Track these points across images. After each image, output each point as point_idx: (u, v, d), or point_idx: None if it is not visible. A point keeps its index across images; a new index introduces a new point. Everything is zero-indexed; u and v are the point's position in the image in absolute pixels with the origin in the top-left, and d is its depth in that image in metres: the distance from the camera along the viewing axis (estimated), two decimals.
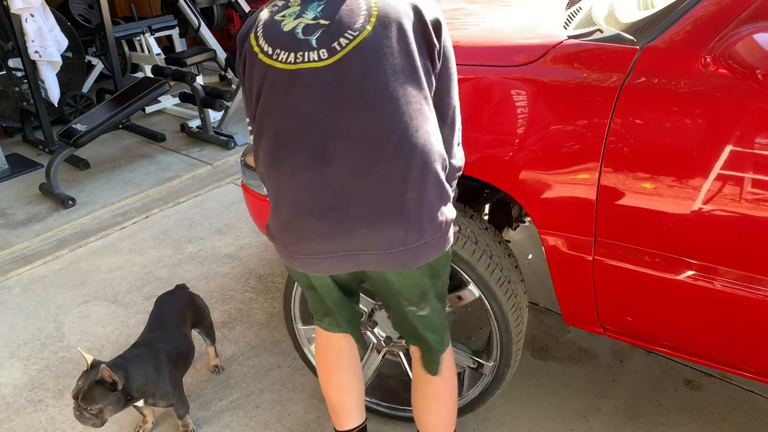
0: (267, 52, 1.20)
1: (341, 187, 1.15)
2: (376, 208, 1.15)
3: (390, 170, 1.14)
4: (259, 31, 1.23)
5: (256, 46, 1.22)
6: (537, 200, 1.50)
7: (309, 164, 1.15)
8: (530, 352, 2.18)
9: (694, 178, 1.28)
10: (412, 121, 1.16)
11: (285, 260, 1.30)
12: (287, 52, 1.17)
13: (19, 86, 4.62)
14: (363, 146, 1.14)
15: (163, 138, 4.49)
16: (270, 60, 1.19)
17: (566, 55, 1.44)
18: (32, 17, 3.84)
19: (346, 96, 1.14)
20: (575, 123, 1.40)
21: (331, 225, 1.17)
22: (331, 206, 1.16)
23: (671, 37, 1.30)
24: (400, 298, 1.35)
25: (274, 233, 1.26)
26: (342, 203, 1.15)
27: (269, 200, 1.27)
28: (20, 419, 2.04)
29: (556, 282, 1.60)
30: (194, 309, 2.07)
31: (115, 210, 3.51)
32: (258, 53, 1.21)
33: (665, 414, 1.89)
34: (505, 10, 1.88)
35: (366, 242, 1.18)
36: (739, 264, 1.31)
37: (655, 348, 1.59)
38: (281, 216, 1.21)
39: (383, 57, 1.15)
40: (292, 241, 1.23)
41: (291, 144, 1.16)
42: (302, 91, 1.16)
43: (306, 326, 1.92)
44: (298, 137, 1.16)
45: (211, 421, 1.99)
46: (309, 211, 1.17)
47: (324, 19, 1.18)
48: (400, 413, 1.89)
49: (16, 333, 2.48)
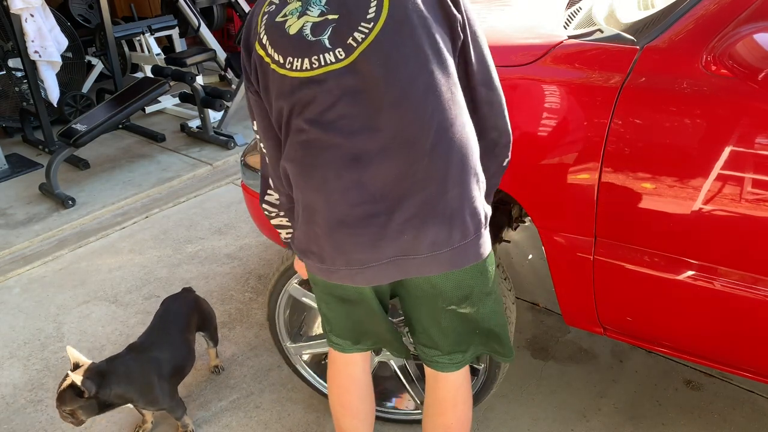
0: (279, 62, 1.10)
1: (380, 193, 1.09)
2: (419, 211, 1.09)
3: (429, 170, 1.08)
4: (263, 39, 1.12)
5: (266, 57, 1.11)
6: (537, 200, 1.50)
7: (343, 173, 1.08)
8: (530, 352, 2.18)
9: (694, 178, 1.28)
10: (446, 113, 1.08)
11: (322, 275, 1.22)
12: (300, 58, 1.07)
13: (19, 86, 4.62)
14: (398, 148, 1.07)
15: (163, 138, 4.49)
16: (284, 70, 1.09)
17: (566, 55, 1.44)
18: (32, 17, 3.84)
19: (372, 96, 1.05)
20: (575, 123, 1.40)
21: (374, 233, 1.10)
22: (372, 214, 1.09)
23: (671, 37, 1.30)
24: (438, 300, 1.25)
25: (308, 249, 1.19)
26: (383, 210, 1.09)
27: (296, 215, 1.21)
28: (20, 419, 2.04)
29: (556, 282, 1.59)
30: (200, 313, 2.05)
31: (115, 210, 3.51)
32: (270, 64, 1.11)
33: (665, 414, 1.89)
34: (505, 10, 1.88)
35: (410, 247, 1.12)
36: (739, 264, 1.31)
37: (655, 348, 1.59)
38: (315, 229, 1.15)
39: (405, 46, 1.05)
40: (330, 254, 1.15)
41: (322, 154, 1.09)
42: (326, 97, 1.07)
43: (295, 344, 1.92)
44: (328, 146, 1.08)
45: (211, 421, 1.98)
46: (348, 222, 1.10)
47: (331, 13, 1.07)
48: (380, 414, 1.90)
49: (16, 333, 2.48)
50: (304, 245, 1.21)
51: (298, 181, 1.14)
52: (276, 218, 1.38)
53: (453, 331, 1.32)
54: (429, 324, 1.32)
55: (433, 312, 1.29)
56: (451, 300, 1.25)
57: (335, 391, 1.53)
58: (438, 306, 1.27)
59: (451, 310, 1.27)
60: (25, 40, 3.87)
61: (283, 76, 1.09)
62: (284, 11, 1.11)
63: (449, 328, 1.31)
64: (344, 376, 1.50)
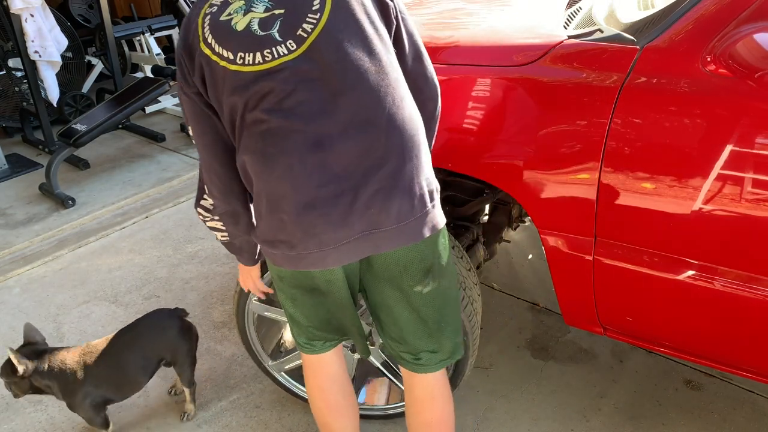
0: (228, 58, 1.12)
1: (345, 172, 1.13)
2: (383, 184, 1.15)
3: (387, 146, 1.14)
4: (208, 38, 1.14)
5: (213, 55, 1.13)
6: (537, 200, 1.50)
7: (307, 157, 1.12)
8: (530, 352, 2.18)
9: (694, 178, 1.28)
10: (395, 92, 1.17)
11: (289, 265, 1.23)
12: (252, 52, 1.11)
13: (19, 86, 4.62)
14: (357, 128, 1.12)
15: (163, 138, 4.49)
16: (235, 66, 1.12)
17: (566, 55, 1.44)
18: (32, 17, 3.84)
19: (328, 81, 1.11)
20: (575, 123, 1.40)
21: (343, 210, 1.14)
22: (339, 193, 1.13)
23: (671, 36, 1.30)
24: (404, 279, 1.27)
25: (275, 239, 1.20)
26: (349, 187, 1.13)
27: (257, 208, 1.21)
28: (20, 419, 2.04)
29: (556, 282, 1.59)
30: (170, 345, 1.85)
31: (115, 210, 3.51)
32: (219, 61, 1.13)
33: (665, 414, 1.89)
34: (505, 10, 1.88)
35: (378, 221, 1.16)
36: (739, 264, 1.31)
37: (655, 348, 1.59)
38: (282, 216, 1.16)
39: (352, 33, 1.13)
40: (300, 239, 1.17)
41: (283, 141, 1.12)
42: (283, 86, 1.11)
43: (275, 361, 1.92)
44: (289, 133, 1.12)
45: (211, 421, 1.98)
46: (317, 204, 1.13)
47: (277, 8, 1.13)
48: None
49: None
50: (270, 236, 1.21)
51: (260, 171, 1.16)
52: (210, 222, 1.44)
53: (420, 320, 1.33)
54: (398, 312, 1.33)
55: (400, 295, 1.30)
56: (416, 277, 1.27)
57: (317, 394, 1.51)
58: (405, 287, 1.28)
59: (417, 292, 1.29)
60: (25, 40, 3.87)
61: (236, 72, 1.12)
62: (227, 10, 1.16)
63: (415, 315, 1.32)
64: (323, 377, 1.50)
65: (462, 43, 1.64)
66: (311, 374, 1.51)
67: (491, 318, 2.36)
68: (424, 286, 1.29)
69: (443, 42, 1.67)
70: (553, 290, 1.64)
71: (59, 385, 1.75)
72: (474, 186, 1.93)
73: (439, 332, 1.36)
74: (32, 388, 1.76)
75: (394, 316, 1.34)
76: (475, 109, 1.55)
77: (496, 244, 2.13)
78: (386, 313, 1.35)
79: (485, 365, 2.13)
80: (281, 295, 1.40)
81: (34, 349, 1.77)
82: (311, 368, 1.50)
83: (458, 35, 1.69)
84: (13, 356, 1.68)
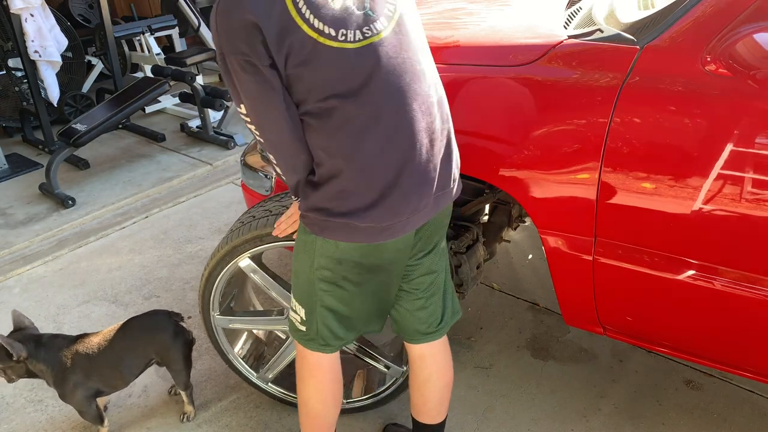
0: (330, 35, 1.12)
1: (426, 142, 1.23)
2: (450, 147, 1.31)
3: (444, 111, 1.30)
4: (306, 14, 1.11)
5: (312, 31, 1.11)
6: (537, 200, 1.50)
7: (406, 127, 1.20)
8: (530, 352, 2.18)
9: (694, 178, 1.28)
10: (436, 74, 1.32)
11: (369, 239, 1.25)
12: (353, 30, 1.14)
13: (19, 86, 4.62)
14: (430, 96, 1.25)
15: (163, 138, 4.49)
16: (337, 42, 1.13)
17: (566, 54, 1.43)
18: (32, 17, 3.84)
19: (409, 60, 1.21)
20: (575, 123, 1.40)
21: (428, 177, 1.25)
22: (426, 160, 1.24)
23: (671, 36, 1.30)
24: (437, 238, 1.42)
25: (376, 210, 1.22)
26: (431, 155, 1.25)
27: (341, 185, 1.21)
28: (20, 419, 2.04)
29: (556, 282, 1.59)
30: (162, 348, 1.84)
31: (115, 210, 3.51)
32: (317, 38, 1.12)
33: (665, 414, 1.89)
34: (505, 9, 1.88)
35: (444, 182, 1.30)
36: (739, 264, 1.31)
37: (655, 348, 1.59)
38: (393, 187, 1.21)
39: (414, 13, 1.26)
40: (400, 208, 1.23)
41: (393, 115, 1.18)
42: (388, 62, 1.17)
43: (258, 373, 1.95)
44: (398, 109, 1.19)
45: (211, 421, 1.98)
46: (416, 168, 1.22)
47: None
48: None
49: None
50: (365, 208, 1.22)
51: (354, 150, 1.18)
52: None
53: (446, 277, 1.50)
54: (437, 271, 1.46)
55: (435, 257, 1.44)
56: (441, 233, 1.43)
57: (330, 390, 1.52)
58: (438, 246, 1.44)
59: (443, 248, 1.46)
60: (25, 40, 3.87)
61: (340, 49, 1.14)
62: None
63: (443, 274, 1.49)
64: (337, 370, 1.52)
65: (462, 42, 1.64)
66: (323, 374, 1.50)
67: (491, 318, 2.36)
68: (442, 241, 1.46)
69: (443, 42, 1.67)
70: (553, 290, 1.64)
71: (51, 371, 1.77)
72: (474, 186, 1.93)
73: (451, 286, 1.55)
74: (27, 372, 1.79)
75: (432, 279, 1.46)
76: (475, 109, 1.55)
77: (496, 244, 2.13)
78: (427, 278, 1.45)
79: (485, 365, 2.13)
80: (322, 285, 1.36)
81: (27, 334, 1.79)
82: (323, 368, 1.50)
83: (458, 35, 1.69)
84: (4, 342, 1.69)
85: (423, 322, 1.49)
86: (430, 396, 1.58)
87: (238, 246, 1.71)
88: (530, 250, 2.78)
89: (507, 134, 1.51)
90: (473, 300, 2.46)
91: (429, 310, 1.49)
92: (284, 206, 1.67)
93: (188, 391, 1.95)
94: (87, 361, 1.79)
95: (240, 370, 1.97)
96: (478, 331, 2.29)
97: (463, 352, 2.19)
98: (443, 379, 1.57)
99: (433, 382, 1.56)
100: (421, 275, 1.44)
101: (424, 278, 1.44)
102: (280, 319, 1.83)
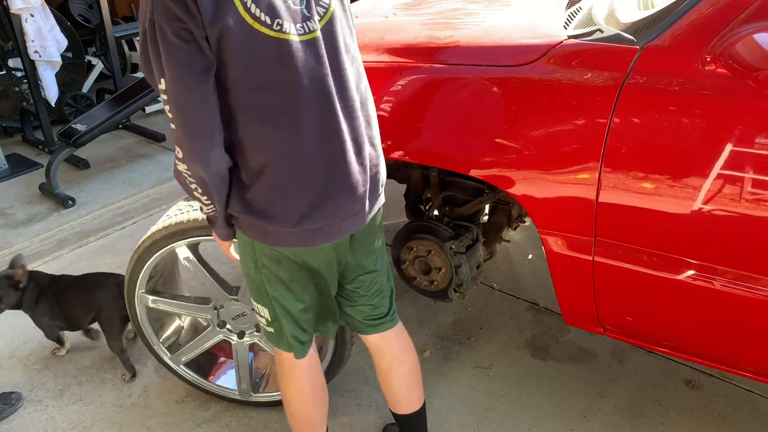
0: (265, 22, 1.09)
1: (353, 144, 1.24)
2: (376, 151, 1.32)
3: (368, 116, 1.31)
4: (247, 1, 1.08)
5: (246, 14, 1.07)
6: (537, 200, 1.50)
7: (333, 128, 1.20)
8: (530, 352, 2.18)
9: (693, 178, 1.28)
10: (364, 78, 1.32)
11: (304, 243, 1.25)
12: (289, 22, 1.13)
13: (19, 86, 4.62)
14: (358, 102, 1.26)
15: (163, 138, 4.49)
16: (272, 31, 1.10)
17: (566, 54, 1.44)
18: (32, 17, 3.84)
19: (335, 62, 1.20)
20: (575, 123, 1.40)
21: (360, 179, 1.26)
22: (356, 162, 1.25)
23: (671, 36, 1.30)
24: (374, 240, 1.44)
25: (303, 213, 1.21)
26: (359, 158, 1.26)
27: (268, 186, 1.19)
28: (20, 419, 2.04)
29: (556, 282, 1.59)
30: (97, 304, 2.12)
31: (115, 210, 3.51)
32: (252, 23, 1.08)
33: (665, 414, 1.89)
34: (505, 10, 1.88)
35: (372, 186, 1.31)
36: (738, 264, 1.31)
37: (655, 348, 1.59)
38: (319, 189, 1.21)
39: (346, 18, 1.26)
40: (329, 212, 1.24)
41: (320, 116, 1.18)
42: (318, 62, 1.17)
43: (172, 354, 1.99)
44: (325, 109, 1.18)
45: (211, 421, 1.98)
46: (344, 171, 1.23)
47: None
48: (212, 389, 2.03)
49: (16, 333, 2.47)
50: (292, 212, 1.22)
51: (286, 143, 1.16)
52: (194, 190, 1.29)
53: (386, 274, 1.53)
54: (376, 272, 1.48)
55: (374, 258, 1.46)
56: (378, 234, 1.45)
57: (309, 390, 1.54)
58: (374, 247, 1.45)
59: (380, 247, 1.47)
60: (25, 40, 3.86)
61: (274, 38, 1.11)
62: None
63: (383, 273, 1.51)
64: (315, 368, 1.54)
65: (462, 43, 1.64)
66: (298, 377, 1.52)
67: (491, 318, 2.36)
68: (379, 242, 1.47)
69: (443, 42, 1.67)
70: (553, 290, 1.64)
71: (30, 300, 2.11)
72: (474, 186, 1.93)
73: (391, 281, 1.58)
74: (18, 303, 2.11)
75: (373, 278, 1.49)
76: (475, 109, 1.55)
77: (496, 244, 2.13)
78: (368, 277, 1.47)
79: (485, 365, 2.13)
80: (274, 286, 1.36)
81: (28, 271, 2.14)
82: (298, 372, 1.51)
83: (458, 35, 1.69)
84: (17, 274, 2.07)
85: (368, 315, 1.53)
86: (396, 386, 1.60)
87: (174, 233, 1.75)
88: (530, 250, 2.78)
89: (507, 134, 1.51)
90: (473, 300, 2.46)
91: (373, 304, 1.52)
92: None
93: (121, 356, 2.15)
94: (51, 300, 2.14)
95: (156, 350, 2.00)
96: (478, 331, 2.29)
97: (463, 352, 2.20)
98: (403, 366, 1.59)
99: (395, 370, 1.58)
100: (360, 274, 1.46)
101: (365, 277, 1.47)
102: (205, 308, 1.88)
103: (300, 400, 1.54)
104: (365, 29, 1.88)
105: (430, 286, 1.99)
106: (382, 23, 1.95)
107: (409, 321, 2.36)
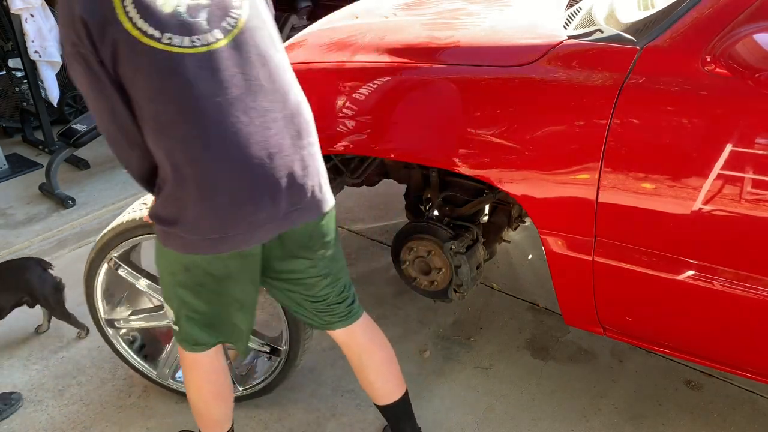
0: (153, 36, 1.12)
1: (262, 155, 1.21)
2: (304, 164, 1.28)
3: (297, 128, 1.28)
4: (130, 12, 1.11)
5: (134, 29, 1.11)
6: (537, 200, 1.50)
7: (238, 142, 1.19)
8: (530, 352, 2.18)
9: (693, 178, 1.28)
10: (294, 82, 1.32)
11: (212, 249, 1.26)
12: (180, 36, 1.14)
13: (19, 86, 4.62)
14: (279, 114, 1.25)
15: None
16: (161, 45, 1.12)
17: (566, 55, 1.44)
18: (32, 17, 3.84)
19: (243, 75, 1.20)
20: (575, 123, 1.40)
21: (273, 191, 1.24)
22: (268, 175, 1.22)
23: (671, 37, 1.30)
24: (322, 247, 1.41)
25: (204, 222, 1.22)
26: (275, 170, 1.23)
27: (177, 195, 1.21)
28: (20, 419, 2.04)
29: (556, 282, 1.60)
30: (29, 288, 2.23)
31: (116, 210, 3.51)
32: (140, 37, 1.11)
33: (665, 414, 1.89)
34: (505, 10, 1.88)
35: (292, 197, 1.27)
36: (738, 264, 1.31)
37: (655, 348, 1.59)
38: (216, 199, 1.20)
39: (264, 30, 1.25)
40: (231, 221, 1.22)
41: (217, 126, 1.17)
42: (215, 75, 1.16)
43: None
44: (223, 119, 1.17)
45: None
46: (249, 181, 1.21)
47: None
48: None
49: (16, 333, 2.47)
50: (198, 219, 1.23)
51: (194, 157, 1.18)
52: None
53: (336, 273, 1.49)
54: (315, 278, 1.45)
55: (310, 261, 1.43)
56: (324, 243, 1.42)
57: (209, 388, 1.56)
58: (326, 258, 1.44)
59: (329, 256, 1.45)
60: (25, 40, 3.87)
61: (162, 51, 1.13)
62: None
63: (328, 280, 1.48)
64: (213, 371, 1.55)
65: (462, 43, 1.64)
66: (200, 373, 1.54)
67: (491, 318, 2.36)
68: (335, 252, 1.46)
69: (443, 42, 1.67)
70: (553, 290, 1.64)
71: None
72: (474, 186, 1.93)
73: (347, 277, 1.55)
74: None
75: (328, 282, 1.47)
76: (475, 109, 1.55)
77: (496, 244, 2.13)
78: (322, 281, 1.46)
79: (485, 365, 2.13)
80: (180, 289, 1.38)
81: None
82: (200, 367, 1.53)
83: (458, 35, 1.70)
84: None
85: (326, 313, 1.53)
86: (371, 377, 1.61)
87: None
88: (530, 250, 2.78)
89: (507, 135, 1.51)
90: (473, 300, 2.46)
91: (329, 303, 1.51)
92: None
93: (70, 320, 2.30)
94: None
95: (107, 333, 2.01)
96: (478, 331, 2.29)
97: (463, 352, 2.20)
98: (375, 357, 1.59)
99: (366, 362, 1.59)
100: (310, 277, 1.45)
101: (316, 280, 1.46)
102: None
103: (199, 396, 1.57)
104: (365, 29, 1.89)
105: (430, 287, 1.99)
106: (383, 23, 1.95)
107: (409, 321, 2.36)
